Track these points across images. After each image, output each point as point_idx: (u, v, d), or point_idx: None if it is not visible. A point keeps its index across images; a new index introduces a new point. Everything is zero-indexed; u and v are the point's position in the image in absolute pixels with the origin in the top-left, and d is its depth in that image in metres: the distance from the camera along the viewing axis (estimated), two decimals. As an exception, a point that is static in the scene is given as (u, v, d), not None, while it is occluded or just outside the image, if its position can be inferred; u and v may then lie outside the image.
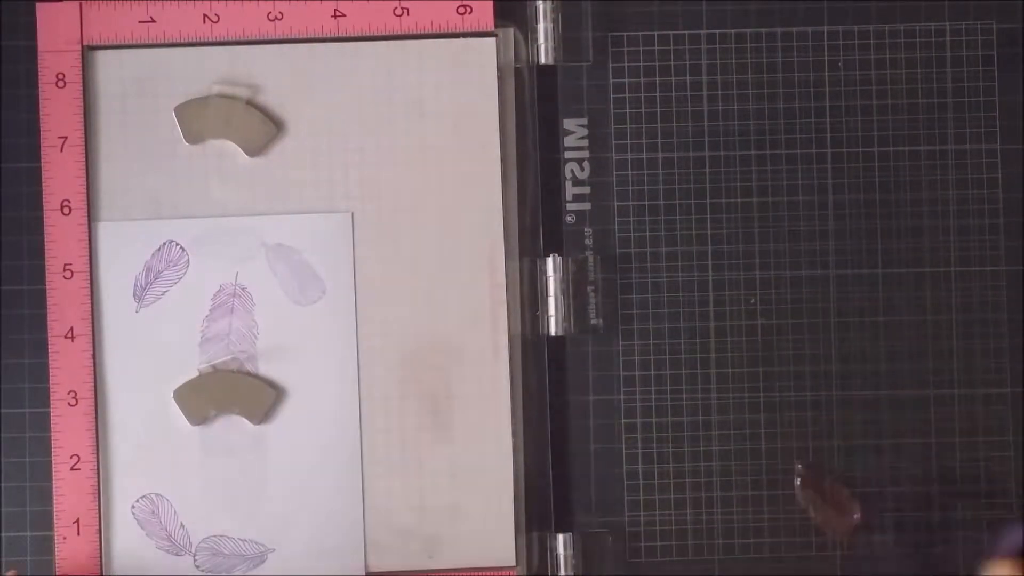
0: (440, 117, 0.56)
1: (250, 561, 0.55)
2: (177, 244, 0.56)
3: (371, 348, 0.55)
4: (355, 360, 0.55)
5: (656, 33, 0.56)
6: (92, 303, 0.55)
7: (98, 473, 0.55)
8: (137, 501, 0.55)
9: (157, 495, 0.55)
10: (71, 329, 0.55)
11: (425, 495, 0.55)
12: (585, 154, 0.56)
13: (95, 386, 0.55)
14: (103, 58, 0.55)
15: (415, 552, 0.55)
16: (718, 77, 0.56)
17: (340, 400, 0.55)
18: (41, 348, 0.55)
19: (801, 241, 0.56)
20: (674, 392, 0.56)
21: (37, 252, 0.55)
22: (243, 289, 0.56)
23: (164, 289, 0.55)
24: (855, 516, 0.55)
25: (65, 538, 0.54)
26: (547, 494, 0.56)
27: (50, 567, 0.55)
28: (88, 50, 0.55)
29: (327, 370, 0.55)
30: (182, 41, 0.55)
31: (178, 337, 0.55)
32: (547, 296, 0.55)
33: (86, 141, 0.55)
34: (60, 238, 0.55)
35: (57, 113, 0.55)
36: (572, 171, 0.56)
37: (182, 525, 0.55)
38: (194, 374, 0.55)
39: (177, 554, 0.55)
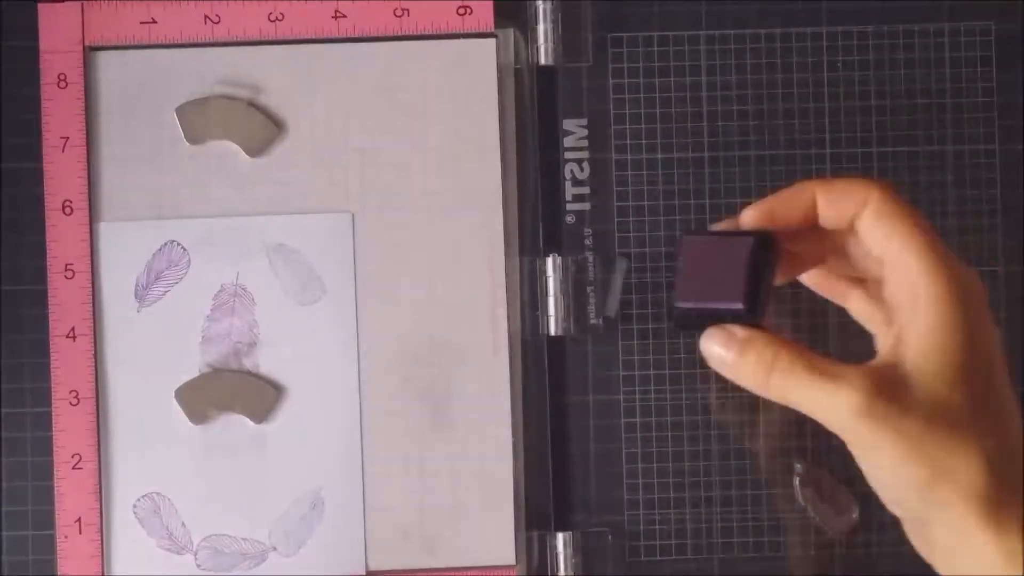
0: (440, 117, 0.56)
1: (250, 560, 0.55)
2: (178, 244, 0.56)
3: (371, 348, 0.56)
4: (355, 360, 0.55)
5: (656, 34, 0.56)
6: (93, 303, 0.55)
7: (99, 472, 0.55)
8: (138, 500, 0.55)
9: (158, 494, 0.55)
10: (72, 329, 0.55)
11: (425, 495, 0.55)
12: (585, 154, 0.56)
13: (96, 386, 0.55)
14: (105, 59, 0.56)
15: (415, 552, 0.55)
16: (718, 78, 0.56)
17: (340, 400, 0.55)
18: (43, 348, 0.55)
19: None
20: (674, 392, 0.56)
21: (38, 252, 0.55)
22: (244, 289, 0.56)
23: (165, 289, 0.56)
24: (854, 515, 0.55)
25: (67, 537, 0.55)
26: (547, 493, 0.56)
27: (52, 566, 0.55)
28: (90, 51, 0.55)
29: (327, 370, 0.55)
30: (183, 42, 0.56)
31: (179, 337, 0.55)
32: (547, 296, 0.56)
33: (88, 141, 0.55)
34: (61, 238, 0.55)
35: (59, 113, 0.55)
36: (572, 171, 0.56)
37: (183, 524, 0.55)
38: (195, 374, 0.55)
39: (178, 553, 0.55)
